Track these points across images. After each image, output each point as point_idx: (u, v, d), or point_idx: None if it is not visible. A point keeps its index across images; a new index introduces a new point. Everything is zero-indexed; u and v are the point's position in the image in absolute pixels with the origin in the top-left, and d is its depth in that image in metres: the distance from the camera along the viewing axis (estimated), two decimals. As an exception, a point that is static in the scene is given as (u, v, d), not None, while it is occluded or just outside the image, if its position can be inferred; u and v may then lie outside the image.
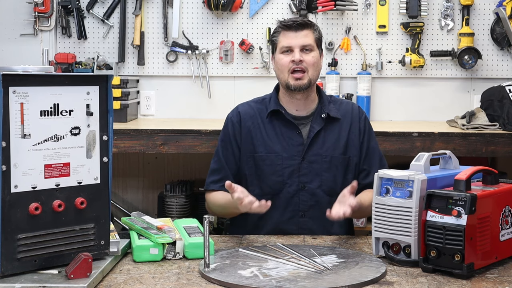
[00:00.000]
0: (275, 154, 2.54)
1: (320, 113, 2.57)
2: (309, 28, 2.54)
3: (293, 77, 2.50)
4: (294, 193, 2.53)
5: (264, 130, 2.57)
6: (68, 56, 3.88)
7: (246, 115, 2.60)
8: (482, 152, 3.39)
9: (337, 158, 2.55)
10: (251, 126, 2.58)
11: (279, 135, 2.56)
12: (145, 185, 4.26)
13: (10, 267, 1.72)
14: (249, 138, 2.57)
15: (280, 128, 2.57)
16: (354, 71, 4.05)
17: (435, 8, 4.01)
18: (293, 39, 2.51)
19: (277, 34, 2.56)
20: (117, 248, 1.94)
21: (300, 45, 2.51)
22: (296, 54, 2.50)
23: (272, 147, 2.55)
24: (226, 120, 2.65)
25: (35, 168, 1.75)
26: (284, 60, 2.52)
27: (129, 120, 3.82)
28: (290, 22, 2.54)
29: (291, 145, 2.54)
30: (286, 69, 2.51)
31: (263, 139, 2.56)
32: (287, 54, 2.52)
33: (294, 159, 2.53)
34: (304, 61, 2.50)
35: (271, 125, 2.58)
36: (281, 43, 2.53)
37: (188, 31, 4.04)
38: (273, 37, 2.59)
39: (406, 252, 1.94)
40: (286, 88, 2.54)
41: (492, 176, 2.01)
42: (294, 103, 2.57)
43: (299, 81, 2.50)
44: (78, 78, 1.85)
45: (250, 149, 2.57)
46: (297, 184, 2.53)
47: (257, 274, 1.82)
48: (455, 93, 4.07)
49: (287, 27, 2.53)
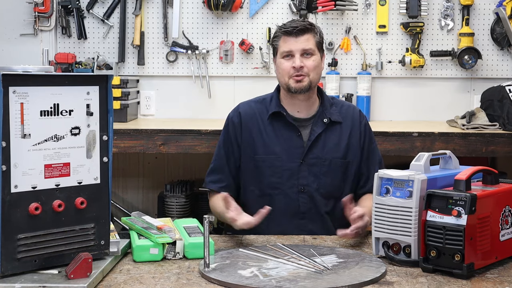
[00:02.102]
0: (274, 155, 2.54)
1: (322, 116, 2.57)
2: (309, 32, 2.53)
3: (294, 79, 2.50)
4: (294, 195, 2.53)
5: (265, 131, 2.57)
6: (68, 56, 3.88)
7: (246, 116, 2.60)
8: (482, 152, 3.39)
9: (336, 162, 2.55)
10: (251, 127, 2.58)
11: (279, 137, 2.56)
12: (145, 185, 4.26)
13: (10, 267, 1.72)
14: (250, 139, 2.57)
15: (281, 130, 2.57)
16: (354, 71, 4.05)
17: (435, 8, 4.01)
18: (293, 45, 2.50)
19: (278, 39, 2.55)
20: (117, 248, 1.94)
21: (300, 50, 2.50)
22: (297, 60, 2.49)
23: (272, 148, 2.55)
24: (227, 120, 2.65)
25: (35, 168, 1.75)
26: (285, 65, 2.52)
27: (129, 120, 3.82)
28: (290, 28, 2.52)
29: (291, 147, 2.54)
30: (287, 74, 2.52)
31: (263, 140, 2.56)
32: (288, 59, 2.52)
33: (293, 161, 2.53)
34: (305, 66, 2.50)
35: (272, 126, 2.57)
36: (282, 48, 2.53)
37: (188, 31, 4.04)
38: (274, 42, 2.58)
39: (406, 252, 1.94)
40: (287, 90, 2.54)
41: (492, 176, 2.01)
42: (296, 104, 2.57)
43: (299, 83, 2.50)
44: (78, 78, 1.85)
45: (250, 150, 2.57)
46: (296, 186, 2.53)
47: (257, 274, 1.82)
48: (455, 93, 4.07)
49: (288, 33, 2.52)
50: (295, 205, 2.53)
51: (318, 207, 2.52)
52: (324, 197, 2.53)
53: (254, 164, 2.56)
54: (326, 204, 2.53)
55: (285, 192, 2.53)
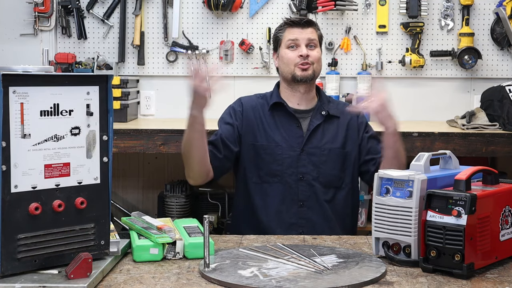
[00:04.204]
0: (275, 143, 2.59)
1: (320, 109, 2.63)
2: (313, 26, 2.64)
3: (300, 67, 2.57)
4: (293, 183, 2.56)
5: (266, 120, 2.62)
6: (68, 56, 3.89)
7: (248, 106, 2.65)
8: (482, 152, 3.39)
9: (335, 151, 2.59)
10: (252, 117, 2.63)
11: (280, 127, 2.61)
12: (145, 185, 4.26)
13: (10, 267, 1.72)
14: (250, 127, 2.61)
15: (281, 120, 2.62)
16: (354, 71, 4.05)
17: (435, 8, 4.01)
18: (299, 34, 2.59)
19: (282, 30, 2.63)
20: (117, 248, 1.94)
21: (306, 40, 2.59)
22: (303, 49, 2.57)
23: (273, 137, 2.59)
24: (227, 108, 2.69)
25: (35, 168, 1.75)
26: (291, 54, 2.59)
27: (129, 120, 3.82)
28: (297, 19, 2.65)
29: (291, 137, 2.59)
30: (292, 63, 2.58)
31: (264, 129, 2.61)
32: (293, 50, 2.59)
33: (293, 150, 2.58)
34: (310, 56, 2.58)
35: (272, 116, 2.63)
36: (287, 37, 2.60)
37: (188, 31, 4.04)
38: (278, 33, 2.65)
39: (406, 252, 1.94)
40: (291, 79, 2.59)
41: (492, 176, 2.01)
42: (296, 96, 2.63)
43: (305, 72, 2.57)
44: (78, 78, 1.84)
45: (250, 137, 2.61)
46: (296, 174, 2.56)
47: (257, 274, 1.82)
48: (455, 93, 4.07)
49: (294, 23, 2.62)
50: (294, 192, 2.56)
51: (317, 195, 2.55)
52: (323, 186, 2.57)
53: (254, 151, 2.59)
54: (326, 193, 2.57)
55: (284, 180, 2.56)
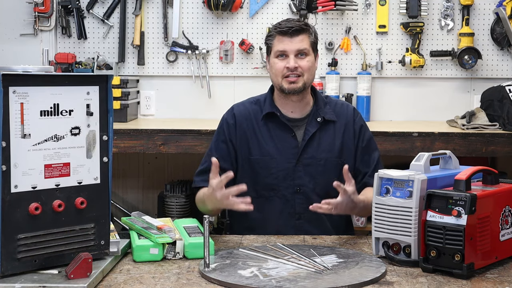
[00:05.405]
0: (269, 156, 2.52)
1: (316, 115, 2.55)
2: (304, 32, 2.50)
3: (287, 80, 2.48)
4: (290, 196, 2.51)
5: (259, 132, 2.55)
6: (68, 56, 3.88)
7: (241, 117, 2.58)
8: (482, 152, 3.39)
9: (331, 161, 2.53)
10: (246, 128, 2.56)
11: (274, 138, 2.54)
12: (145, 185, 4.26)
13: (10, 267, 1.72)
14: (244, 141, 2.55)
15: (275, 131, 2.54)
16: (354, 71, 4.05)
17: (435, 8, 4.01)
18: (288, 45, 2.48)
19: (272, 38, 2.53)
20: (117, 248, 1.94)
21: (295, 51, 2.48)
22: (291, 61, 2.47)
23: (267, 149, 2.53)
24: (221, 121, 2.62)
25: (35, 168, 1.75)
26: (279, 65, 2.49)
27: (129, 120, 3.82)
28: (285, 28, 2.49)
29: (286, 148, 2.52)
30: (280, 74, 2.49)
31: (258, 142, 2.54)
32: (281, 59, 2.49)
33: (288, 161, 2.51)
34: (300, 67, 2.47)
35: (266, 127, 2.55)
36: (276, 47, 2.50)
37: (188, 31, 4.04)
38: (268, 41, 2.55)
39: (406, 252, 1.94)
40: (280, 91, 2.52)
41: (492, 176, 2.01)
42: (289, 104, 2.55)
43: (293, 84, 2.48)
44: (78, 78, 1.85)
45: (245, 151, 2.54)
46: (292, 187, 2.51)
47: (257, 274, 1.82)
48: (455, 93, 4.07)
49: (282, 33, 2.49)
50: (291, 206, 2.51)
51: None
52: (320, 197, 2.49)
53: (249, 165, 2.54)
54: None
55: (281, 193, 2.51)
